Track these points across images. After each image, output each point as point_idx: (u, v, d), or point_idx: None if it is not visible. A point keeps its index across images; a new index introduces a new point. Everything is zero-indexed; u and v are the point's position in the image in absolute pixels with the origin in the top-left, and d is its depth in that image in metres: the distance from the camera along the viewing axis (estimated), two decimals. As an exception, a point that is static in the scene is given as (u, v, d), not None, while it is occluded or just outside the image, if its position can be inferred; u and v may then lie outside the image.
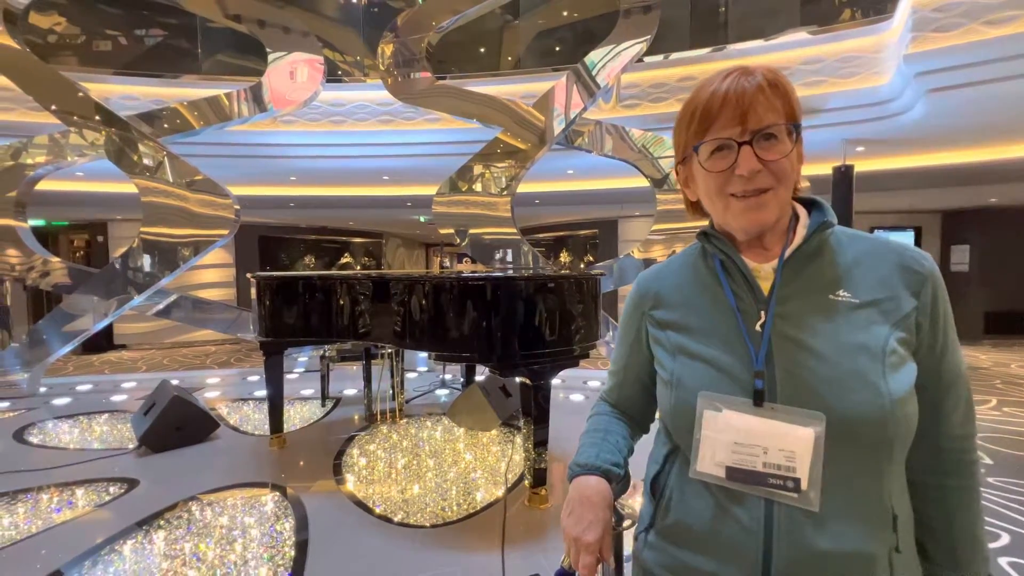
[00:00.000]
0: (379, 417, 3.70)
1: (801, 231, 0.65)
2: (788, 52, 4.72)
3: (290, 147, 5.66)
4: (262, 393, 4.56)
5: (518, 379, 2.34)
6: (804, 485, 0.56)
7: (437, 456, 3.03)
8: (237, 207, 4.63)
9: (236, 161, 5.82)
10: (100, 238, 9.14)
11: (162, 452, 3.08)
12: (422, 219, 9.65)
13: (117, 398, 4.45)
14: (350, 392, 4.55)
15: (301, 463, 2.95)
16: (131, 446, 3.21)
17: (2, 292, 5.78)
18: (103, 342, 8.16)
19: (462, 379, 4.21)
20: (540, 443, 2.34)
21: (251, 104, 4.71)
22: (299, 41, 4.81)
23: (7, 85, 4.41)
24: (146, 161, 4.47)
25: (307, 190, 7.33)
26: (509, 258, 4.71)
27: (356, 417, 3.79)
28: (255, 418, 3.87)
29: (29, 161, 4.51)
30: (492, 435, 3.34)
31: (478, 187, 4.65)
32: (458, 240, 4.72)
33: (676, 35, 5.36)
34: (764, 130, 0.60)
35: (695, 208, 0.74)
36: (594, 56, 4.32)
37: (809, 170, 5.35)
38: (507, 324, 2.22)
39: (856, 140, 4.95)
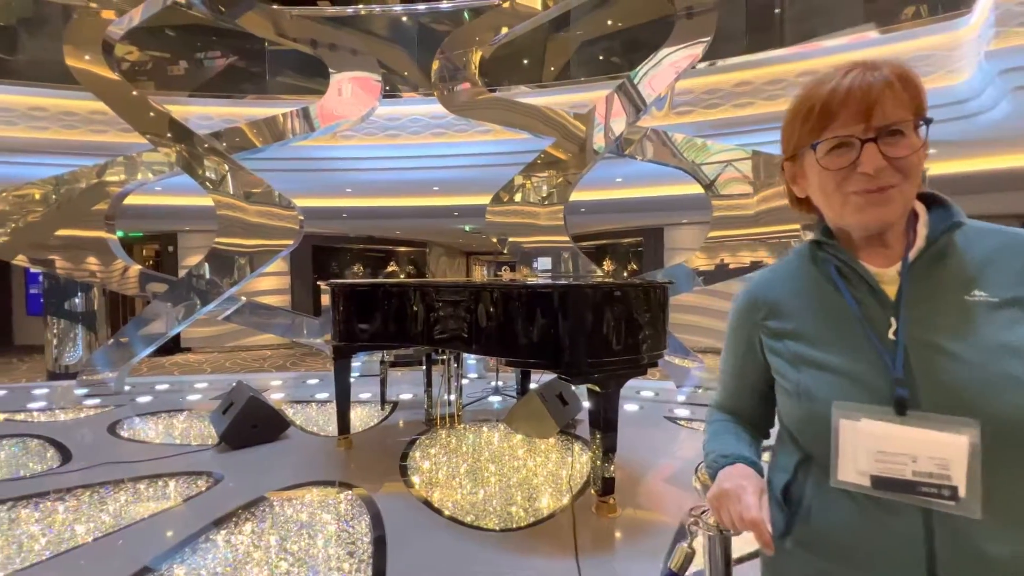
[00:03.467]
0: (438, 421, 3.79)
1: (922, 230, 0.64)
2: (852, 53, 4.55)
3: (348, 160, 5.93)
4: (322, 396, 4.76)
5: (586, 387, 2.35)
6: (962, 493, 0.56)
7: (498, 461, 3.07)
8: (301, 218, 4.90)
9: (298, 175, 6.14)
10: (170, 248, 9.81)
11: (240, 449, 3.27)
12: (467, 228, 9.82)
13: (192, 397, 4.75)
14: (405, 396, 4.67)
15: (369, 464, 3.06)
16: (211, 442, 3.42)
17: (90, 298, 6.30)
18: (171, 345, 8.73)
19: (516, 386, 4.24)
20: (609, 451, 2.34)
21: (312, 121, 4.98)
22: (361, 61, 5.06)
23: (101, 109, 4.85)
24: (219, 176, 4.79)
25: (360, 201, 7.63)
26: (559, 266, 4.74)
27: (416, 421, 3.90)
28: (319, 419, 4.04)
29: (111, 179, 4.92)
30: (550, 443, 3.36)
31: (531, 196, 4.72)
32: (503, 249, 4.82)
33: (730, 39, 5.28)
34: (890, 126, 0.59)
35: (801, 204, 0.73)
36: (649, 62, 4.31)
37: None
38: (576, 331, 2.25)
39: (928, 142, 4.70)
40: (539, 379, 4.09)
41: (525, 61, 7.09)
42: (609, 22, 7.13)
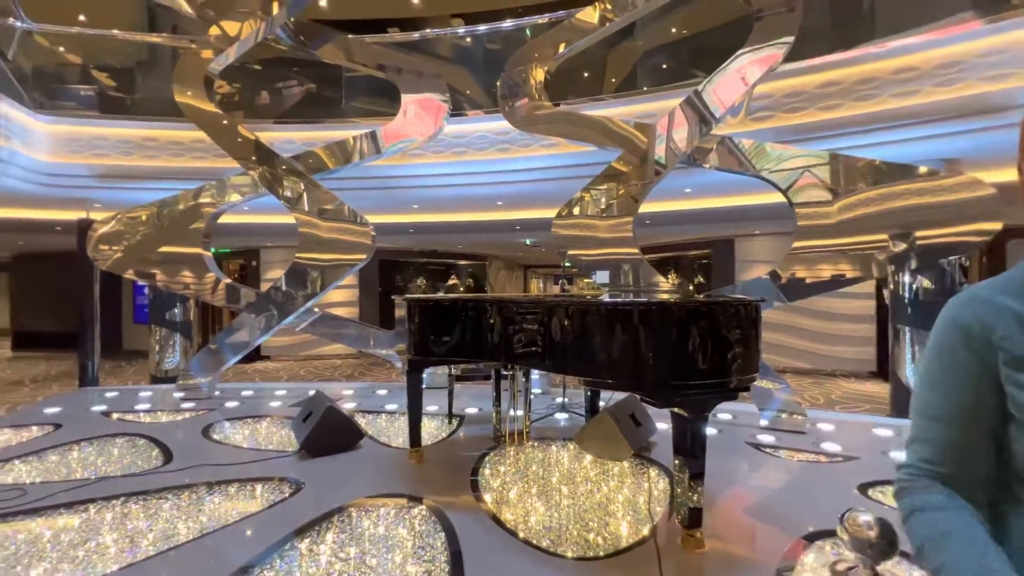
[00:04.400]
0: (506, 438, 3.75)
1: None
2: (957, 46, 4.14)
3: (417, 178, 6.13)
4: (391, 407, 4.88)
5: (671, 411, 2.22)
6: None
7: (569, 482, 2.97)
8: (373, 234, 5.10)
9: (371, 193, 6.43)
10: (254, 262, 10.59)
11: (318, 457, 3.39)
12: (528, 242, 9.84)
13: (273, 404, 5.02)
14: (471, 410, 4.68)
15: (440, 478, 3.06)
16: (291, 449, 3.58)
17: (187, 308, 6.90)
18: (253, 353, 9.37)
19: (585, 404, 4.12)
20: (695, 480, 2.18)
21: (379, 143, 5.20)
22: (428, 82, 5.25)
23: (201, 138, 5.33)
24: (296, 194, 5.11)
25: (426, 217, 7.86)
26: (619, 279, 4.59)
27: (484, 436, 3.88)
28: (390, 430, 4.13)
29: (204, 200, 5.36)
30: (623, 466, 3.21)
31: (593, 210, 4.63)
32: (564, 262, 4.75)
33: (814, 37, 4.95)
34: None
35: None
36: (720, 69, 4.12)
37: (995, 176, 4.55)
38: (662, 352, 2.13)
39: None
40: (609, 398, 3.95)
41: (586, 74, 7.06)
42: (673, 30, 6.96)
